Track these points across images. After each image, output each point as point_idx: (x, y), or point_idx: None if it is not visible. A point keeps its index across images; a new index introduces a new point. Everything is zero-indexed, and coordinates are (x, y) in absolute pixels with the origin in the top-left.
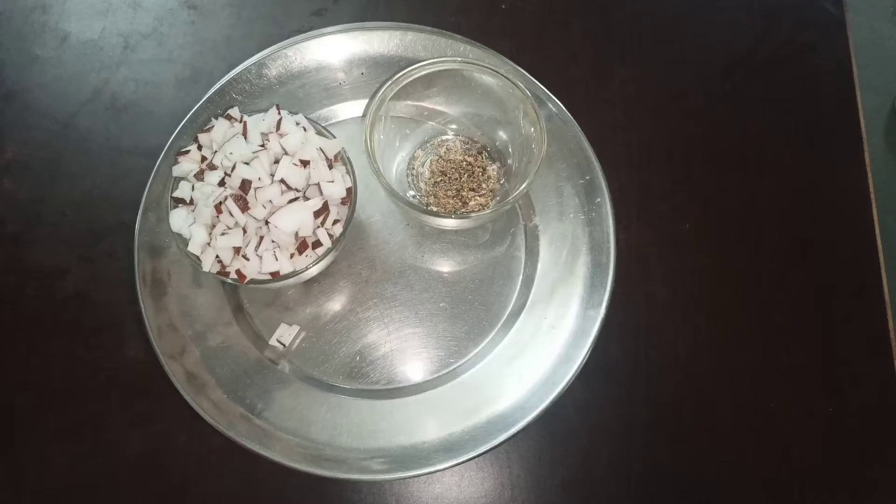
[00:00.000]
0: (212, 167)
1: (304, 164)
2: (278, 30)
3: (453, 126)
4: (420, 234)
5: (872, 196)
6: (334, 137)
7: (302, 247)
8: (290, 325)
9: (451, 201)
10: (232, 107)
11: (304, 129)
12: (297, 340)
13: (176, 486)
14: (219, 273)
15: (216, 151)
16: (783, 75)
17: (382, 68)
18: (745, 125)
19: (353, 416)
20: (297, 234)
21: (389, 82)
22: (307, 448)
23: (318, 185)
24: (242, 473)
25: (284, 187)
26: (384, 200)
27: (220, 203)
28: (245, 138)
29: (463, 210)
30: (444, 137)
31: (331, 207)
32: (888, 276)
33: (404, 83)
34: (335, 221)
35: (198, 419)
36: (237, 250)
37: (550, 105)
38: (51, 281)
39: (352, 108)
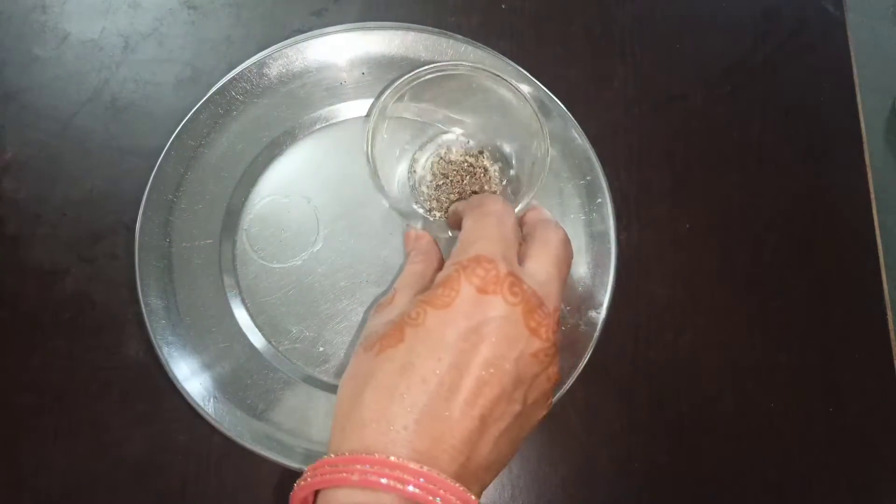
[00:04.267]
0: None
1: None
2: (278, 30)
3: (456, 129)
4: None
5: (872, 196)
6: None
7: None
8: None
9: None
10: (232, 106)
11: None
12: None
13: (176, 486)
14: None
15: None
16: (783, 75)
17: (384, 68)
18: (745, 125)
19: None
20: None
21: (390, 89)
22: (307, 448)
23: None
24: (242, 473)
25: None
26: None
27: None
28: None
29: None
30: (444, 137)
31: None
32: (888, 276)
33: (406, 89)
34: None
35: (198, 419)
36: None
37: (550, 105)
38: (51, 281)
39: (354, 108)
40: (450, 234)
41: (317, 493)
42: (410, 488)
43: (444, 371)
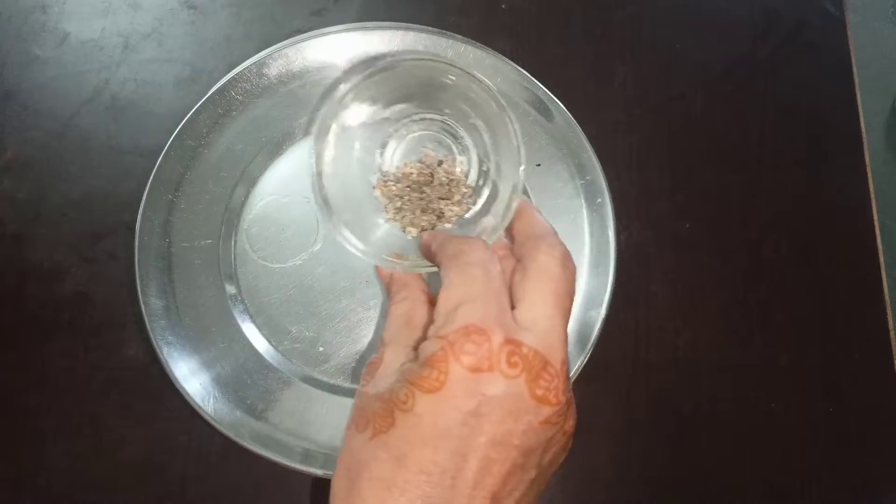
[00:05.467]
0: None
1: None
2: (278, 30)
3: (415, 124)
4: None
5: (872, 196)
6: None
7: None
8: None
9: (424, 217)
10: (232, 106)
11: None
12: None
13: (176, 486)
14: None
15: None
16: (783, 75)
17: None
18: (745, 125)
19: None
20: None
21: (332, 101)
22: (307, 448)
23: None
24: (242, 473)
25: None
26: None
27: None
28: None
29: (438, 223)
30: (397, 143)
31: None
32: (888, 276)
33: (350, 94)
34: None
35: (198, 419)
36: None
37: (550, 105)
38: (51, 281)
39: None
40: (432, 269)
41: None
42: None
43: (446, 459)
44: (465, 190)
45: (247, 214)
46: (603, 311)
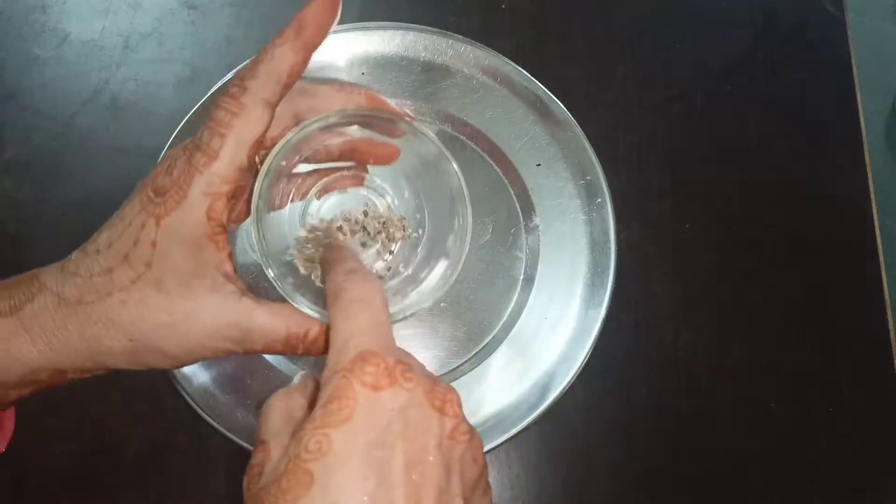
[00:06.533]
0: None
1: None
2: (278, 30)
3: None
4: None
5: (872, 196)
6: None
7: None
8: None
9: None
10: None
11: None
12: None
13: (176, 486)
14: None
15: None
16: (783, 75)
17: (383, 68)
18: (745, 125)
19: None
20: None
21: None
22: None
23: None
24: (242, 473)
25: None
26: None
27: None
28: None
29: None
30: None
31: None
32: (888, 276)
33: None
34: None
35: (198, 419)
36: None
37: (550, 105)
38: None
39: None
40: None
41: None
42: None
43: (372, 490)
44: (399, 223)
45: None
46: (603, 311)
